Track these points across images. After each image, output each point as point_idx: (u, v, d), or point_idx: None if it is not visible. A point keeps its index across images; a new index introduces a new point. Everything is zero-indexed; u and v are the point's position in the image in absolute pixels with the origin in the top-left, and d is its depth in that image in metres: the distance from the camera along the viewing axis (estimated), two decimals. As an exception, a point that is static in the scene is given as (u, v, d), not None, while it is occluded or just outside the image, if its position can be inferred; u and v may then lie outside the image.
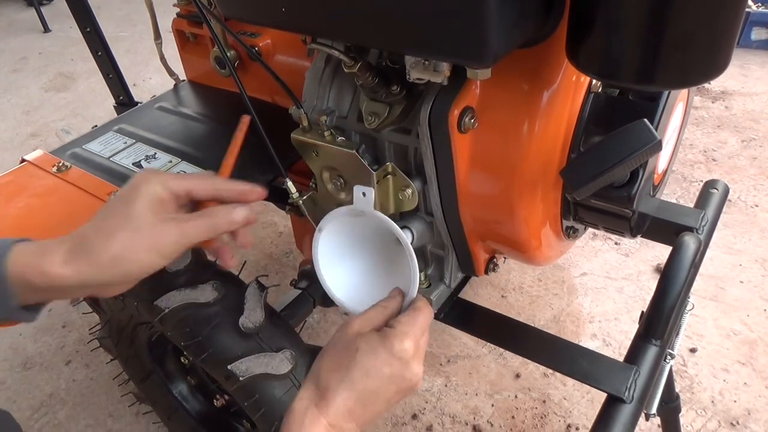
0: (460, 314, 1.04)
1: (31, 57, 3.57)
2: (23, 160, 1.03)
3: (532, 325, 1.05)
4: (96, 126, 1.20)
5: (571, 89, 0.75)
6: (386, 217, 0.69)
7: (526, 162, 0.77)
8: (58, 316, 1.84)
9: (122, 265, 0.61)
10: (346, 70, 0.76)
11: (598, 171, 0.68)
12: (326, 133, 0.85)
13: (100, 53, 1.40)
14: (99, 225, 0.62)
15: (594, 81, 0.77)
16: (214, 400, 1.31)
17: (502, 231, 0.87)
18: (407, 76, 0.74)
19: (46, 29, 3.86)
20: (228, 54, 1.14)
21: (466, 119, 0.76)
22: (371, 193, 0.69)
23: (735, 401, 1.46)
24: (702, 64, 0.56)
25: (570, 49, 0.64)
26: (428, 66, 0.71)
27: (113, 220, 0.62)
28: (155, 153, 1.10)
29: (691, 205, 1.15)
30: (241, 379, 0.92)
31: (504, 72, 0.74)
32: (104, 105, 2.94)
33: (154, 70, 3.22)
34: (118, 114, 1.42)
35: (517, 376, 1.57)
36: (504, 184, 0.80)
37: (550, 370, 1.50)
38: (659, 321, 0.92)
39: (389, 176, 0.84)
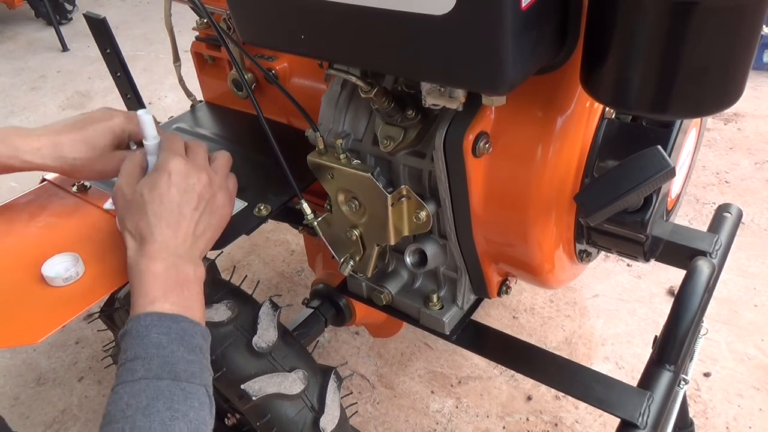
0: (472, 336, 1.04)
1: (49, 75, 3.64)
2: (43, 180, 1.05)
3: (544, 346, 1.05)
4: (115, 146, 1.21)
5: (585, 115, 0.76)
6: None
7: (540, 187, 0.78)
8: (72, 332, 1.85)
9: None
10: (362, 95, 0.78)
11: (611, 197, 0.69)
12: (342, 156, 0.87)
13: (119, 74, 1.42)
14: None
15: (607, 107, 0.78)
16: (226, 419, 1.32)
17: (515, 254, 0.87)
18: (423, 102, 0.75)
19: (65, 48, 3.94)
20: (245, 76, 1.16)
21: (481, 144, 0.76)
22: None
23: (750, 427, 1.44)
24: (715, 95, 0.57)
25: (584, 77, 0.65)
26: (444, 92, 0.72)
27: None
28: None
29: (704, 228, 1.15)
30: (253, 398, 0.92)
31: (519, 98, 0.75)
32: (120, 123, 2.97)
33: (170, 89, 3.27)
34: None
35: (529, 398, 1.56)
36: (518, 208, 0.81)
37: (562, 393, 1.49)
38: (673, 346, 0.92)
39: (404, 199, 0.85)
